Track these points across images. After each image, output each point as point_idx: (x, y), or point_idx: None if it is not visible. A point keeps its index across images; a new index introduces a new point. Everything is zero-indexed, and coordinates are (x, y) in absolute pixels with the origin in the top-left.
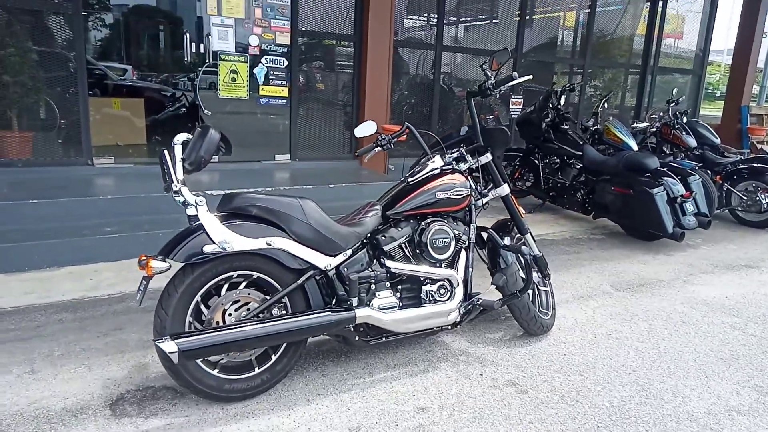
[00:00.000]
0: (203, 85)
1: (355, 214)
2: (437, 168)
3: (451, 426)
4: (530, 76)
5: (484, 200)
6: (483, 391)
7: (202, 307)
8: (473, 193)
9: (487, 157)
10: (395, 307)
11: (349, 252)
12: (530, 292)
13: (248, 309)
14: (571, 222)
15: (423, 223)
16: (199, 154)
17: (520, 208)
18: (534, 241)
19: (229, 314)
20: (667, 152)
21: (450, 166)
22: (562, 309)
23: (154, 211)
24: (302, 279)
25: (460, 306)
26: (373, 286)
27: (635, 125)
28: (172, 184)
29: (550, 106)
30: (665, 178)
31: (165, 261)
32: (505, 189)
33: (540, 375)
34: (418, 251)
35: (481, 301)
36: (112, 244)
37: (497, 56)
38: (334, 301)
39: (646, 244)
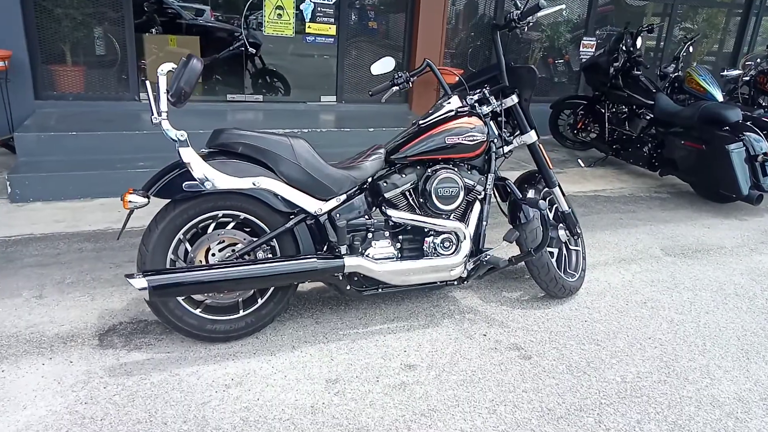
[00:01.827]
0: (250, 23)
1: (356, 157)
2: (452, 110)
3: (435, 387)
4: (562, 6)
5: (508, 148)
6: (481, 352)
7: (188, 245)
8: (495, 140)
9: (512, 100)
10: (392, 258)
11: (343, 197)
12: (554, 251)
13: (233, 250)
14: (634, 178)
15: (429, 170)
16: (179, 86)
17: (548, 159)
18: (564, 196)
19: (213, 254)
20: (764, 104)
21: (466, 109)
22: (596, 271)
23: None
24: (291, 223)
25: (467, 261)
26: (370, 235)
27: (726, 73)
28: (152, 117)
29: (622, 48)
30: (747, 134)
31: (145, 196)
32: (531, 136)
33: (550, 341)
34: (421, 200)
35: (488, 257)
36: (144, 178)
37: None
38: (325, 247)
39: (716, 206)
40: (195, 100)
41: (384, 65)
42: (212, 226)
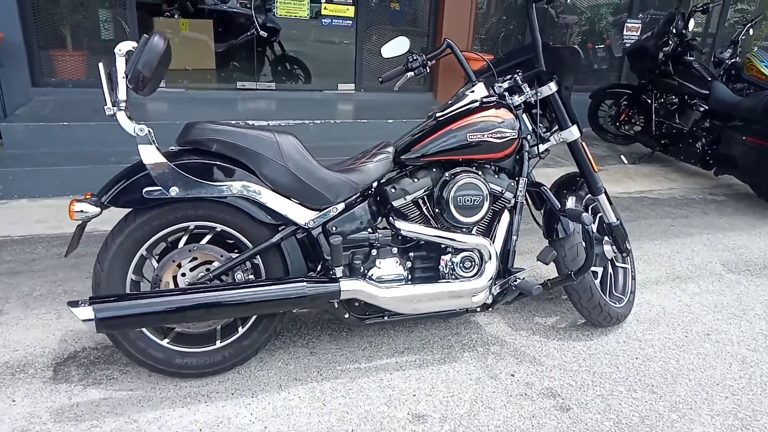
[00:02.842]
0: (262, 4)
1: (359, 156)
2: (476, 100)
3: None
4: None
5: (544, 146)
6: (508, 400)
7: (155, 262)
8: (528, 137)
9: (550, 88)
10: (401, 280)
11: (341, 206)
12: (598, 270)
13: (208, 269)
14: (684, 177)
15: (447, 174)
16: (136, 69)
17: (593, 160)
18: (611, 204)
19: (183, 274)
20: None
21: (494, 99)
22: (647, 292)
23: None
24: (277, 237)
25: (492, 285)
26: (374, 252)
27: None
28: (105, 108)
29: (673, 31)
30: None
31: (98, 205)
32: (573, 132)
33: (593, 385)
34: (437, 210)
35: (518, 282)
36: None
37: None
38: (320, 266)
39: None
40: (203, 88)
41: (397, 47)
42: (184, 239)
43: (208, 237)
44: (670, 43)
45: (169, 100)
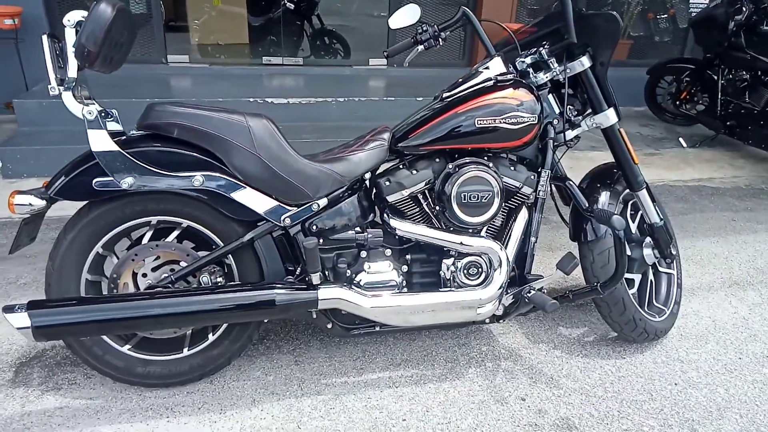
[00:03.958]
0: None
1: (351, 143)
2: (490, 78)
3: None
4: None
5: (573, 132)
6: (514, 431)
7: (115, 260)
8: (554, 122)
9: (582, 64)
10: (394, 287)
11: (323, 202)
12: (634, 277)
13: (173, 269)
14: (752, 164)
15: (451, 165)
16: (80, 43)
17: (633, 150)
18: (654, 201)
19: (144, 275)
20: None
21: (511, 76)
22: (696, 300)
23: None
24: (248, 236)
25: (503, 295)
26: (363, 254)
27: None
28: (49, 87)
29: None
30: None
31: (44, 198)
32: (609, 116)
33: (620, 417)
34: (438, 208)
35: (532, 294)
36: None
37: None
38: (299, 270)
39: None
40: (227, 64)
41: (406, 16)
42: (148, 235)
43: (175, 233)
44: (744, 10)
45: (191, 76)
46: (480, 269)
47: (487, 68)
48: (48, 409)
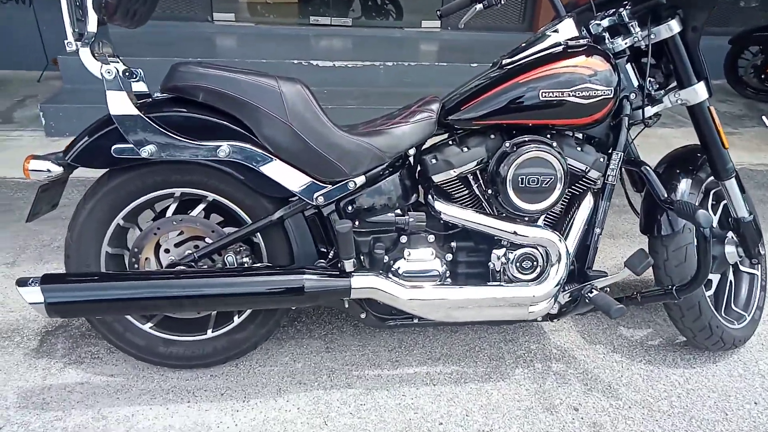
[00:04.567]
0: None
1: (396, 114)
2: (559, 43)
3: None
4: None
5: (653, 109)
6: None
7: (138, 233)
8: (631, 95)
9: (670, 29)
10: (436, 277)
11: (360, 180)
12: (712, 278)
13: (196, 246)
14: None
15: (508, 143)
16: None
17: (722, 132)
18: (743, 192)
19: (166, 250)
20: None
21: (584, 41)
22: None
23: None
24: (278, 214)
25: (560, 292)
26: (403, 239)
27: None
28: (66, 42)
29: None
30: None
31: (61, 164)
32: (699, 92)
33: None
34: (490, 191)
35: (594, 294)
36: None
37: None
38: (332, 253)
39: None
40: (273, 23)
41: None
42: (172, 207)
43: (200, 207)
44: None
45: (236, 35)
46: (535, 262)
47: (555, 31)
48: (68, 383)
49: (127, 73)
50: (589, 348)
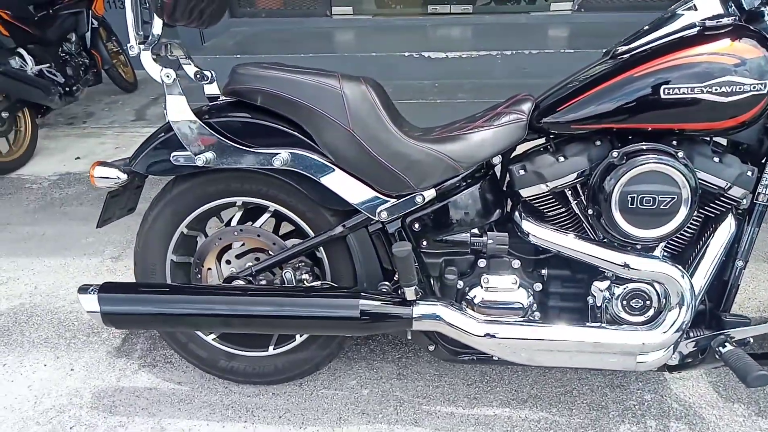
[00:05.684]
0: None
1: (479, 117)
2: (695, 24)
3: None
4: None
5: None
6: None
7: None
8: None
9: None
10: (519, 310)
11: (430, 193)
12: None
13: (257, 259)
14: None
15: (616, 153)
16: None
17: None
18: None
19: (228, 261)
20: None
21: (730, 20)
22: None
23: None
24: (339, 229)
25: (681, 339)
26: (481, 263)
27: None
28: (128, 46)
29: None
30: None
31: (126, 171)
32: None
33: None
34: (593, 211)
35: (727, 349)
36: None
37: None
38: (396, 275)
39: None
40: (390, 14)
41: None
42: (237, 216)
43: (264, 217)
44: None
45: (352, 28)
46: (648, 301)
47: (689, 9)
48: (138, 387)
49: (198, 76)
50: (724, 406)
